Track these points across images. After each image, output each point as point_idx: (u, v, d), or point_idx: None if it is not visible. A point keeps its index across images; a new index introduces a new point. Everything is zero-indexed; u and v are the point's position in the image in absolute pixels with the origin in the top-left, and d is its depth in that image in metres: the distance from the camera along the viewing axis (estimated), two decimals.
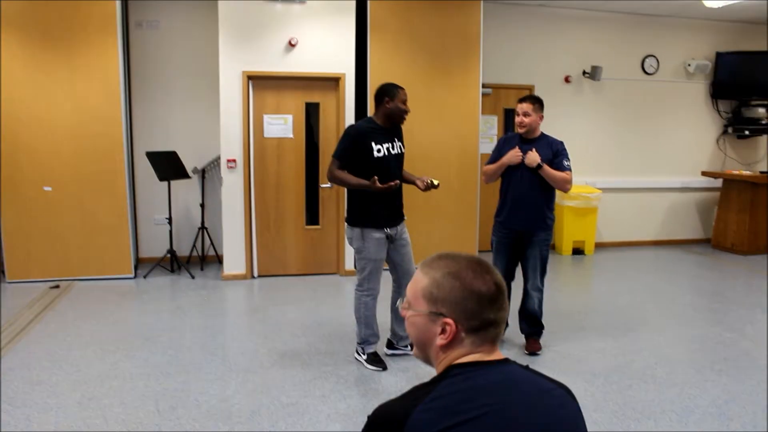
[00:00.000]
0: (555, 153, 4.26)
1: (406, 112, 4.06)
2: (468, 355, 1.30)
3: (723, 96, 8.56)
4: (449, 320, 1.30)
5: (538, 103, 4.29)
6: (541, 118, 4.30)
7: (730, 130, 8.65)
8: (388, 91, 4.00)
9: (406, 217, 4.26)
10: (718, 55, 8.38)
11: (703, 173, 8.51)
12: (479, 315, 1.30)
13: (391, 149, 4.04)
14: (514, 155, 4.25)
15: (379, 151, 3.97)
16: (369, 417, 1.24)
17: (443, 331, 1.31)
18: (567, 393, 1.32)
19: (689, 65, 8.33)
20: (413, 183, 4.21)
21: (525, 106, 4.24)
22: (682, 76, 8.45)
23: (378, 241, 4.03)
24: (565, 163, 4.26)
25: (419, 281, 1.36)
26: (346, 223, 4.15)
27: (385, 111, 4.02)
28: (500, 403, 1.20)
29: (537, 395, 1.26)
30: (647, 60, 8.26)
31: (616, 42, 8.13)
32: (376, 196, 3.94)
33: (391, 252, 4.16)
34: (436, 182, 4.09)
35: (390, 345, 4.42)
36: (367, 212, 4.00)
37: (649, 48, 8.26)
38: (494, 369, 1.28)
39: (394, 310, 4.32)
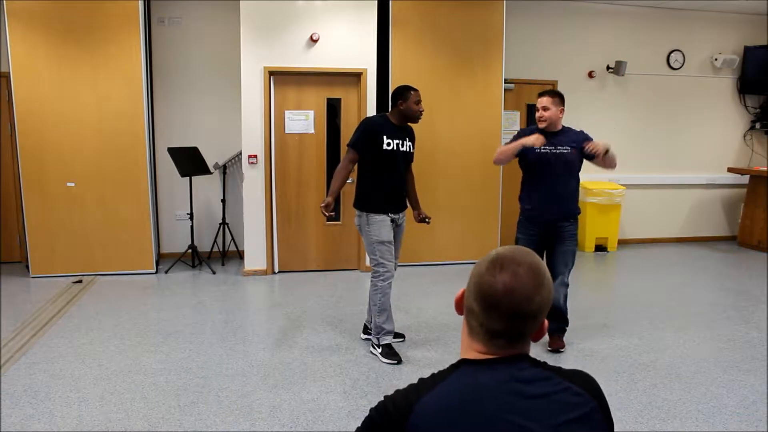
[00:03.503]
0: (582, 141, 4.21)
1: (420, 111, 4.25)
2: (482, 350, 1.24)
3: (751, 91, 8.40)
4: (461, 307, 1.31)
5: (557, 96, 4.23)
6: (562, 111, 4.24)
7: (757, 125, 8.49)
8: (400, 94, 4.20)
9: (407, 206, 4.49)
10: (747, 49, 8.22)
11: (730, 169, 8.37)
12: (474, 313, 1.23)
13: (400, 146, 4.22)
14: (538, 138, 4.09)
15: (389, 144, 4.16)
16: (379, 403, 1.23)
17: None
18: (581, 391, 1.21)
19: (716, 60, 8.19)
20: (413, 204, 4.53)
21: (544, 100, 4.20)
22: (709, 71, 8.30)
23: (385, 224, 4.18)
24: None
25: None
26: (355, 209, 4.29)
27: (399, 112, 4.22)
28: (499, 406, 1.15)
29: (539, 398, 1.17)
30: (673, 54, 8.12)
31: (641, 36, 8.00)
32: (385, 185, 4.17)
33: None
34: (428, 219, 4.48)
35: (365, 330, 4.62)
36: (376, 198, 4.18)
37: (674, 42, 8.13)
38: (500, 367, 1.20)
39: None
